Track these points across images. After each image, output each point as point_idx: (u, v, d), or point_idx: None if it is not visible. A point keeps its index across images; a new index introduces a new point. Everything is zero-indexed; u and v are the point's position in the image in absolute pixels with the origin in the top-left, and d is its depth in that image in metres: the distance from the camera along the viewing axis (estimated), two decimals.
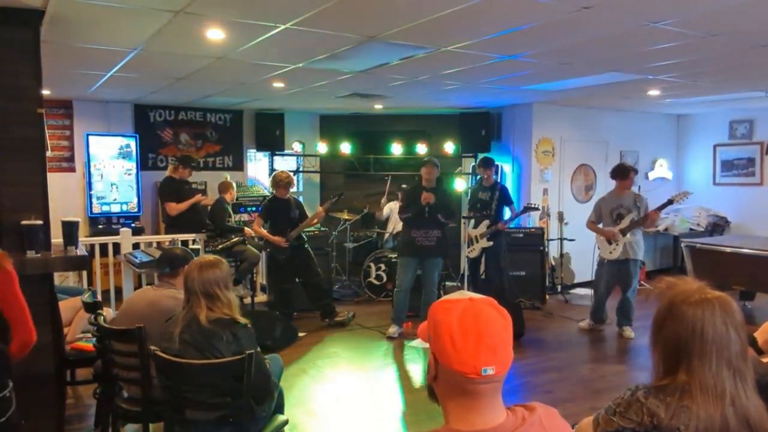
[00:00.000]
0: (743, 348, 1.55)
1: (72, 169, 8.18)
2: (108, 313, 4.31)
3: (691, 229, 9.39)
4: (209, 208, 7.39)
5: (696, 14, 3.88)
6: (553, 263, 8.74)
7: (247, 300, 7.29)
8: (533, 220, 8.63)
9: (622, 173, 6.46)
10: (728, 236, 8.82)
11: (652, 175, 9.91)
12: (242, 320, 2.82)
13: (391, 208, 8.70)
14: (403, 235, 6.55)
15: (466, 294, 1.38)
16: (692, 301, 1.58)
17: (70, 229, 3.73)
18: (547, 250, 8.40)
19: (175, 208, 7.27)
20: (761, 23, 4.11)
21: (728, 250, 6.86)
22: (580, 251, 8.44)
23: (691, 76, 6.21)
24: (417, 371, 5.51)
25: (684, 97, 7.98)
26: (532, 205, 7.27)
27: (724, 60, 5.37)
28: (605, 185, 9.07)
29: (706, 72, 6.00)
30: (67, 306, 4.44)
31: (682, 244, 7.40)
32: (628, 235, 6.33)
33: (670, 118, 10.25)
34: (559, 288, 8.65)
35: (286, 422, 3.19)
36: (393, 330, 6.44)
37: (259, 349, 2.79)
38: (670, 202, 6.35)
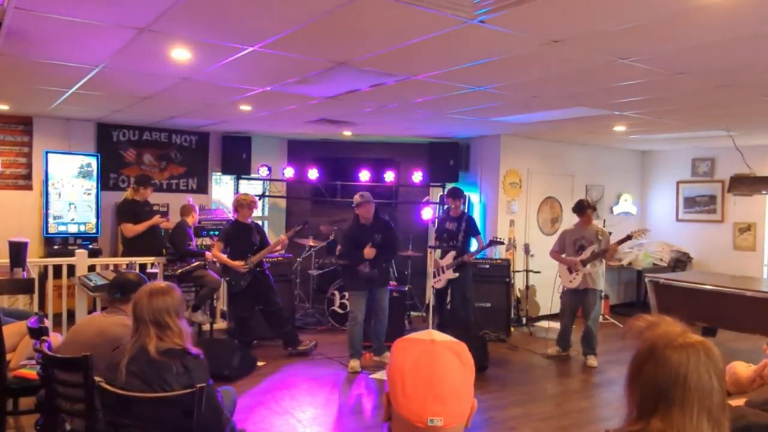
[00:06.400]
0: (723, 398, 1.47)
1: (29, 188, 7.91)
2: (57, 339, 4.11)
3: (654, 263, 9.49)
4: (170, 231, 7.20)
5: (663, 52, 3.92)
6: (519, 295, 8.71)
7: (206, 327, 7.09)
8: (499, 251, 8.61)
9: (578, 210, 6.89)
10: (691, 272, 8.93)
11: (616, 210, 10.02)
12: (194, 351, 2.68)
13: None
14: (347, 269, 6.48)
15: (431, 334, 1.29)
16: (676, 345, 1.48)
17: (17, 250, 3.56)
18: (512, 281, 8.37)
19: (131, 229, 7.08)
20: (725, 63, 4.18)
21: (691, 286, 6.91)
22: (546, 283, 8.43)
23: (656, 113, 6.31)
24: (377, 406, 5.37)
25: (649, 134, 8.11)
26: (498, 239, 7.26)
27: (689, 98, 5.46)
28: (571, 218, 9.09)
29: (670, 110, 6.10)
30: (13, 330, 4.21)
31: (646, 279, 7.45)
32: (588, 266, 6.64)
33: (635, 154, 10.41)
34: (524, 320, 8.62)
35: None
36: (355, 364, 6.26)
37: (211, 381, 2.65)
38: (629, 237, 6.71)
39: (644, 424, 1.46)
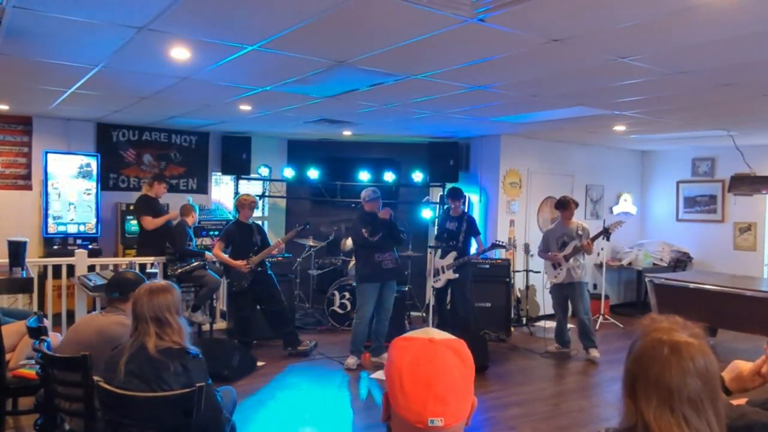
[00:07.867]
0: (700, 398, 1.40)
1: (28, 188, 7.90)
2: (56, 338, 4.10)
3: (654, 263, 9.48)
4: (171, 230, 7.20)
5: (664, 51, 3.91)
6: (519, 295, 8.70)
7: (206, 327, 7.08)
8: (499, 251, 8.60)
9: (563, 205, 7.03)
10: (691, 272, 8.92)
11: (616, 209, 10.01)
12: (193, 350, 2.67)
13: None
14: (366, 262, 6.32)
15: (429, 332, 1.27)
16: (647, 339, 1.47)
17: (16, 250, 3.55)
18: (512, 281, 8.36)
19: (151, 222, 7.15)
20: (726, 62, 4.16)
21: (692, 286, 6.91)
22: (546, 283, 8.42)
23: (656, 112, 6.30)
24: (376, 405, 5.36)
25: (649, 134, 8.10)
26: (500, 243, 7.28)
27: (689, 98, 5.45)
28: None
29: (671, 109, 6.09)
30: (12, 330, 4.21)
31: (646, 279, 7.45)
32: (570, 261, 6.83)
33: (635, 154, 10.40)
34: (524, 320, 8.61)
35: None
36: (352, 361, 6.27)
37: (210, 381, 2.64)
38: (605, 230, 7.07)
39: (637, 418, 1.44)
